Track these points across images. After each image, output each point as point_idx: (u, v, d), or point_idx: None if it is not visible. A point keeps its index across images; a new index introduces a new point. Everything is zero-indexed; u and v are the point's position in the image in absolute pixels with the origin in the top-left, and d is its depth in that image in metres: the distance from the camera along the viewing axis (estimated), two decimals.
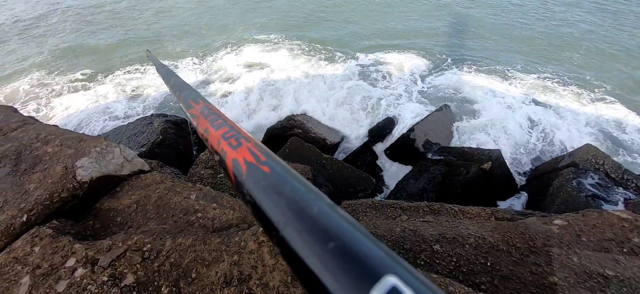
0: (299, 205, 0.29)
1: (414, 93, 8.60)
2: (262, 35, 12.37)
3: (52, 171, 1.68)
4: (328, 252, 0.24)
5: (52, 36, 12.77)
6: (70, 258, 1.32)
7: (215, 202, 1.73)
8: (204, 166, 3.95)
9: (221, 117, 0.55)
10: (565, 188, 5.38)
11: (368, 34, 12.30)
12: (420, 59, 10.40)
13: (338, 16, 14.03)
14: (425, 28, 12.63)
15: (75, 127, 7.28)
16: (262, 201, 0.33)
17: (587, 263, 2.61)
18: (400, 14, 14.02)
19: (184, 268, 1.28)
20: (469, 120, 7.81)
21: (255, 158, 0.39)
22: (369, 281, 0.21)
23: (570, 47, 11.28)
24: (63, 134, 1.99)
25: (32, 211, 1.52)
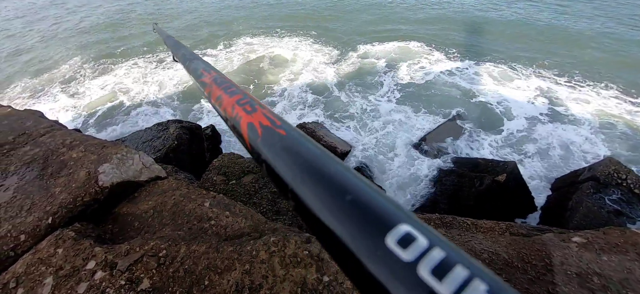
0: (315, 163, 0.31)
1: (422, 97, 8.52)
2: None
3: (76, 176, 1.77)
4: (346, 204, 0.26)
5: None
6: (91, 260, 1.38)
7: (228, 210, 1.78)
8: (216, 172, 4.04)
9: (234, 85, 0.56)
10: (585, 203, 5.19)
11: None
12: (431, 60, 10.35)
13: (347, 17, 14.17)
14: (433, 28, 12.58)
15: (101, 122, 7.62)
16: (278, 161, 0.34)
17: (609, 285, 2.51)
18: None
19: (198, 275, 1.32)
20: (483, 128, 7.66)
21: (271, 122, 0.40)
22: (384, 228, 0.23)
23: (587, 45, 10.97)
24: (87, 140, 2.09)
25: (57, 214, 1.60)
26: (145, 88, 9.43)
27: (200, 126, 7.05)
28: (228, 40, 12.66)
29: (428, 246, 0.21)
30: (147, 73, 10.33)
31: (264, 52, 11.54)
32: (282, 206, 3.49)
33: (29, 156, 1.98)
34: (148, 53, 11.80)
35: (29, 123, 2.39)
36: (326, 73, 9.98)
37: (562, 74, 9.55)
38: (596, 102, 8.34)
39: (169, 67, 10.70)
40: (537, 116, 7.98)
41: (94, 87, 9.67)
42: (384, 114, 8.14)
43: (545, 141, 7.24)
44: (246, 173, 3.99)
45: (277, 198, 3.59)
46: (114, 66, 11.00)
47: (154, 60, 11.33)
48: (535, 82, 9.28)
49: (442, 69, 10.10)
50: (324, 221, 0.27)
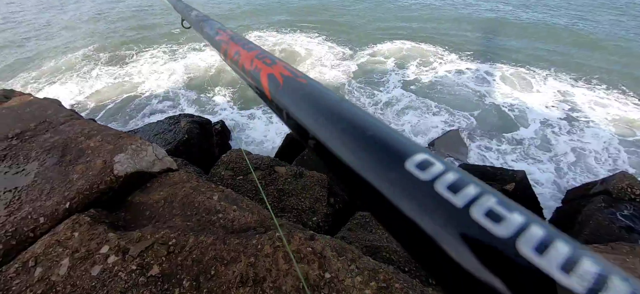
0: (336, 107, 0.33)
1: (434, 98, 8.46)
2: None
3: (93, 164, 1.85)
4: (366, 139, 0.28)
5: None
6: (105, 245, 1.45)
7: (236, 204, 1.83)
8: (224, 167, 4.12)
9: (251, 42, 0.58)
10: (595, 216, 5.08)
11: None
12: (445, 60, 10.27)
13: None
14: (447, 28, 12.47)
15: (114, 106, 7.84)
16: (299, 107, 0.36)
17: None
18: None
19: (205, 265, 1.37)
20: (496, 133, 7.56)
21: (291, 73, 0.43)
22: (403, 156, 0.25)
23: (607, 50, 10.68)
24: (104, 130, 2.18)
25: (74, 199, 1.68)
26: (159, 79, 9.63)
27: (211, 121, 7.17)
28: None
29: (444, 169, 0.23)
30: (161, 64, 10.55)
31: (274, 46, 11.65)
32: (287, 204, 3.54)
33: (49, 144, 2.08)
34: (162, 45, 12.04)
35: (50, 112, 2.50)
36: (336, 70, 10.01)
37: (580, 79, 9.33)
38: (615, 110, 8.11)
39: (181, 58, 10.89)
40: (553, 122, 7.81)
41: (108, 77, 9.93)
42: (393, 116, 8.12)
43: (560, 149, 7.08)
44: (254, 169, 4.05)
45: (283, 195, 3.65)
46: (128, 56, 11.26)
47: (168, 51, 11.55)
48: (552, 87, 9.08)
49: (455, 70, 10.01)
50: (345, 158, 0.28)
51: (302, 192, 3.71)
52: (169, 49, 11.78)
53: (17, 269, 1.38)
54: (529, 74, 9.68)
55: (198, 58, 10.98)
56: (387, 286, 1.25)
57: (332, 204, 3.74)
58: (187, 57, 11.08)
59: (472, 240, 0.19)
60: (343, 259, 1.36)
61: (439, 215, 0.21)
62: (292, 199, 3.62)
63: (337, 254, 1.38)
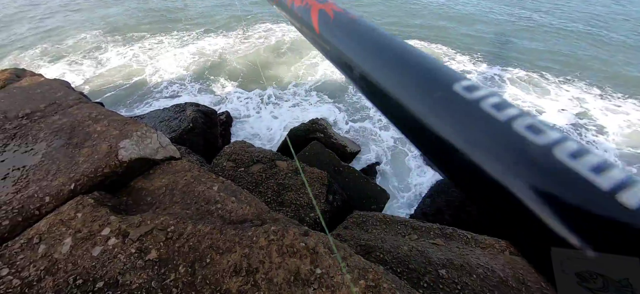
0: (385, 41, 0.34)
1: None
2: None
3: (99, 148, 1.91)
4: (416, 66, 0.29)
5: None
6: (106, 227, 1.51)
7: (234, 196, 1.88)
8: (227, 158, 4.17)
9: None
10: None
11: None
12: (457, 62, 10.17)
13: None
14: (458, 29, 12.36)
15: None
16: (350, 40, 0.38)
17: None
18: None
19: (201, 253, 1.42)
20: None
21: (342, 9, 0.45)
22: (450, 80, 0.26)
23: (623, 59, 10.50)
24: (111, 115, 2.24)
25: (79, 181, 1.74)
26: (167, 66, 9.71)
27: (216, 111, 7.23)
28: (246, 24, 12.82)
29: (489, 93, 0.25)
30: (170, 51, 10.63)
31: (282, 36, 11.64)
32: (286, 198, 3.59)
33: (58, 126, 2.14)
34: (173, 31, 12.11)
35: (59, 94, 2.56)
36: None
37: (593, 85, 9.21)
38: (629, 119, 8.00)
39: (191, 44, 10.95)
40: (564, 129, 7.75)
41: (117, 60, 10.03)
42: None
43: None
44: (255, 162, 4.10)
45: (282, 189, 3.69)
46: (137, 41, 11.35)
47: (178, 38, 11.62)
48: (566, 93, 8.99)
49: (465, 71, 9.95)
50: (392, 87, 0.30)
51: (302, 188, 3.75)
52: (179, 36, 11.85)
53: (22, 245, 1.45)
54: (541, 79, 9.59)
55: (208, 47, 11.03)
56: (376, 285, 1.29)
57: (330, 201, 3.78)
58: (197, 45, 11.14)
59: (512, 147, 0.20)
60: (335, 257, 1.40)
61: (482, 127, 0.22)
62: (291, 194, 3.66)
63: (329, 251, 1.42)
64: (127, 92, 8.47)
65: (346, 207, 3.98)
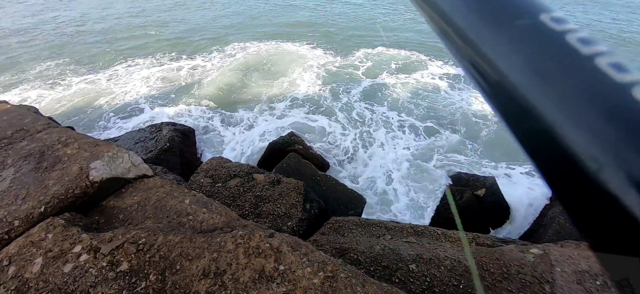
0: None
1: (419, 107, 8.83)
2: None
3: (69, 170, 1.96)
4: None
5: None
6: (77, 245, 1.56)
7: (206, 207, 1.97)
8: (204, 174, 4.22)
9: None
10: (557, 219, 5.44)
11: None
12: (431, 69, 10.75)
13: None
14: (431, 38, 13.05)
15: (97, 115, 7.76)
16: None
17: (558, 293, 2.73)
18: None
19: (171, 261, 1.51)
20: (474, 140, 7.95)
21: None
22: (539, 10, 0.25)
23: None
24: (82, 138, 2.29)
25: (49, 203, 1.79)
26: (140, 88, 9.61)
27: (193, 130, 7.24)
28: (222, 45, 12.97)
29: (576, 28, 0.23)
30: (143, 74, 10.54)
31: (263, 56, 11.87)
32: (263, 210, 3.67)
33: (26, 151, 2.17)
34: (146, 55, 12.02)
35: (27, 120, 2.58)
36: (322, 80, 10.30)
37: None
38: None
39: (165, 66, 10.92)
40: None
41: (87, 85, 9.83)
42: (374, 121, 8.41)
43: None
44: (232, 177, 4.18)
45: (260, 201, 3.78)
46: (108, 65, 11.18)
47: (150, 61, 11.54)
48: None
49: (439, 79, 10.50)
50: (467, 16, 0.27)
51: (279, 198, 3.86)
52: (152, 59, 11.78)
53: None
54: None
55: (184, 68, 11.04)
56: (333, 275, 1.43)
57: (307, 209, 3.89)
58: (172, 66, 11.12)
59: (593, 82, 0.19)
60: (297, 254, 1.53)
61: (565, 58, 0.21)
62: (269, 205, 3.75)
63: (292, 249, 1.55)
64: (100, 116, 8.32)
65: (324, 214, 4.11)
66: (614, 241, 0.18)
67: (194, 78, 10.32)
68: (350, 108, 9.05)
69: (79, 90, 9.53)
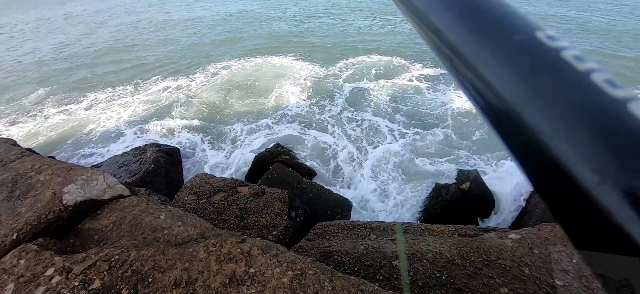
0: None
1: (400, 109, 9.01)
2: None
3: (42, 196, 1.97)
4: (502, 13, 0.27)
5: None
6: (50, 268, 1.58)
7: (180, 221, 2.01)
8: (188, 192, 4.22)
9: None
10: (540, 204, 5.60)
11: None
12: (412, 72, 11.01)
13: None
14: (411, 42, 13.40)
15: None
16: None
17: (537, 274, 2.83)
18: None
19: (143, 274, 1.54)
20: (460, 137, 8.14)
21: None
22: (534, 28, 0.25)
23: None
24: (55, 164, 2.30)
25: (22, 230, 1.80)
26: (123, 113, 9.56)
27: (178, 149, 7.22)
28: (205, 64, 13.04)
29: (570, 45, 0.23)
30: (123, 100, 10.50)
31: (247, 72, 11.99)
32: (249, 222, 3.69)
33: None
34: (127, 80, 11.99)
35: (0, 151, 2.58)
36: (306, 91, 10.44)
37: None
38: None
39: (149, 88, 10.91)
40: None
41: (66, 115, 9.73)
42: (359, 126, 8.54)
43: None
44: (216, 192, 4.19)
45: (244, 213, 3.79)
46: (88, 94, 11.11)
47: (133, 85, 11.51)
48: None
49: (420, 82, 10.77)
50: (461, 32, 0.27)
51: (264, 209, 3.88)
52: (133, 83, 11.76)
53: None
54: None
55: (166, 90, 11.05)
56: (302, 273, 1.48)
57: (292, 217, 3.93)
58: (154, 88, 11.12)
59: (589, 97, 0.20)
60: (267, 256, 1.58)
61: (561, 73, 0.21)
62: (254, 216, 3.77)
63: (262, 252, 1.60)
64: (81, 144, 8.22)
65: (310, 221, 4.14)
66: (615, 256, 0.18)
67: (177, 99, 10.33)
68: (336, 116, 9.18)
69: (60, 120, 9.42)
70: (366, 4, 19.43)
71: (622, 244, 0.17)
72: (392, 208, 6.58)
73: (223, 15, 19.36)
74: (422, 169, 7.33)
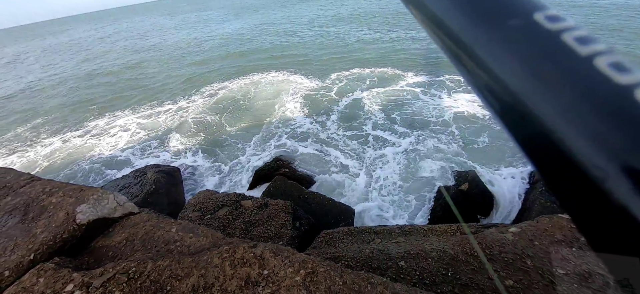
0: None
1: (397, 118, 9.17)
2: None
3: (55, 217, 2.03)
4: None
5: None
6: (69, 284, 1.63)
7: (192, 232, 2.07)
8: (192, 209, 4.26)
9: None
10: (538, 200, 5.70)
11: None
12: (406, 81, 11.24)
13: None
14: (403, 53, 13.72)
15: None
16: None
17: (539, 265, 2.90)
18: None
19: (161, 283, 1.59)
20: (451, 143, 8.28)
21: None
22: (532, 8, 0.23)
23: None
24: (66, 186, 2.37)
25: (38, 250, 1.85)
26: (122, 138, 9.61)
27: (179, 169, 7.27)
28: (201, 86, 13.22)
29: (574, 25, 0.22)
30: (123, 123, 10.57)
31: (244, 90, 12.16)
32: (254, 234, 3.73)
33: (11, 206, 2.22)
34: (125, 106, 12.10)
35: (9, 177, 2.63)
36: (303, 104, 10.61)
37: None
38: None
39: (145, 111, 11.01)
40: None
41: (65, 143, 9.77)
42: (359, 135, 8.66)
43: (512, 146, 7.87)
44: (221, 207, 4.23)
45: (250, 226, 3.84)
46: (85, 121, 11.18)
47: (131, 110, 11.61)
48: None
49: (413, 89, 11.01)
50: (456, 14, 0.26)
51: (268, 221, 3.93)
52: (131, 108, 11.87)
53: None
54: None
55: (164, 112, 11.16)
56: (314, 271, 1.55)
57: (297, 227, 3.97)
58: (151, 111, 11.23)
59: (591, 85, 0.18)
60: (279, 258, 1.65)
61: (561, 60, 0.20)
62: (259, 228, 3.82)
63: (274, 254, 1.66)
64: (80, 170, 8.23)
65: (314, 230, 4.19)
66: (621, 244, 0.17)
67: (175, 121, 10.43)
68: (334, 126, 9.33)
69: (58, 148, 9.45)
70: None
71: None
72: (394, 213, 6.64)
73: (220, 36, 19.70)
74: (421, 173, 7.44)
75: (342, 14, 20.78)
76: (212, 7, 64.01)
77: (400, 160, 7.69)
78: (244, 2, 53.01)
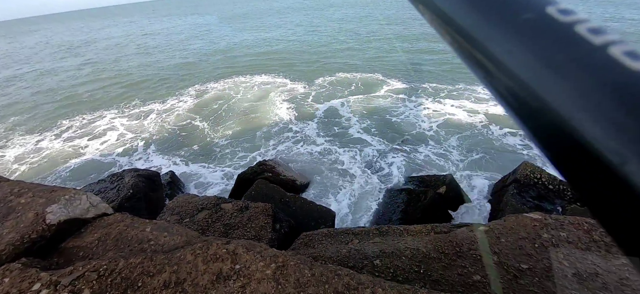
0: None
1: (380, 125, 9.39)
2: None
3: (24, 218, 2.00)
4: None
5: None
6: (36, 283, 1.61)
7: (166, 231, 2.09)
8: (170, 213, 4.20)
9: None
10: (510, 202, 5.98)
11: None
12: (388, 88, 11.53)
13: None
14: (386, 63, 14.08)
15: None
16: None
17: (505, 260, 3.07)
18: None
19: (133, 280, 1.61)
20: (427, 149, 8.57)
21: None
22: (544, 1, 0.24)
23: None
24: (36, 187, 2.32)
25: (4, 251, 1.81)
26: (100, 142, 9.33)
27: (159, 173, 7.11)
28: (184, 87, 13.05)
29: (586, 18, 0.22)
30: (104, 125, 10.26)
31: (228, 92, 12.08)
32: (233, 237, 3.73)
33: None
34: (106, 107, 11.75)
35: None
36: (287, 108, 10.66)
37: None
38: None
39: (127, 114, 10.73)
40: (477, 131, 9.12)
41: (40, 145, 9.37)
42: (341, 139, 8.80)
43: (487, 151, 8.24)
44: (200, 210, 4.21)
45: (229, 229, 3.83)
46: (62, 121, 10.77)
47: (114, 112, 11.29)
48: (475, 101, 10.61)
49: (395, 96, 11.30)
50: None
51: (248, 223, 3.94)
52: (113, 109, 11.55)
53: None
54: (452, 89, 11.27)
55: (145, 115, 10.91)
56: (284, 264, 1.61)
57: (277, 230, 4.01)
58: (133, 113, 10.96)
59: (606, 72, 0.18)
60: (252, 253, 1.70)
61: (577, 50, 0.20)
62: (239, 231, 3.82)
63: (247, 250, 1.72)
64: (55, 175, 7.91)
65: (295, 232, 4.23)
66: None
67: (157, 124, 10.23)
68: (317, 130, 9.43)
69: (30, 150, 9.04)
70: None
71: None
72: (374, 215, 6.78)
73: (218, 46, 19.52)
74: (401, 177, 7.64)
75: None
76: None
77: (381, 164, 7.88)
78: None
